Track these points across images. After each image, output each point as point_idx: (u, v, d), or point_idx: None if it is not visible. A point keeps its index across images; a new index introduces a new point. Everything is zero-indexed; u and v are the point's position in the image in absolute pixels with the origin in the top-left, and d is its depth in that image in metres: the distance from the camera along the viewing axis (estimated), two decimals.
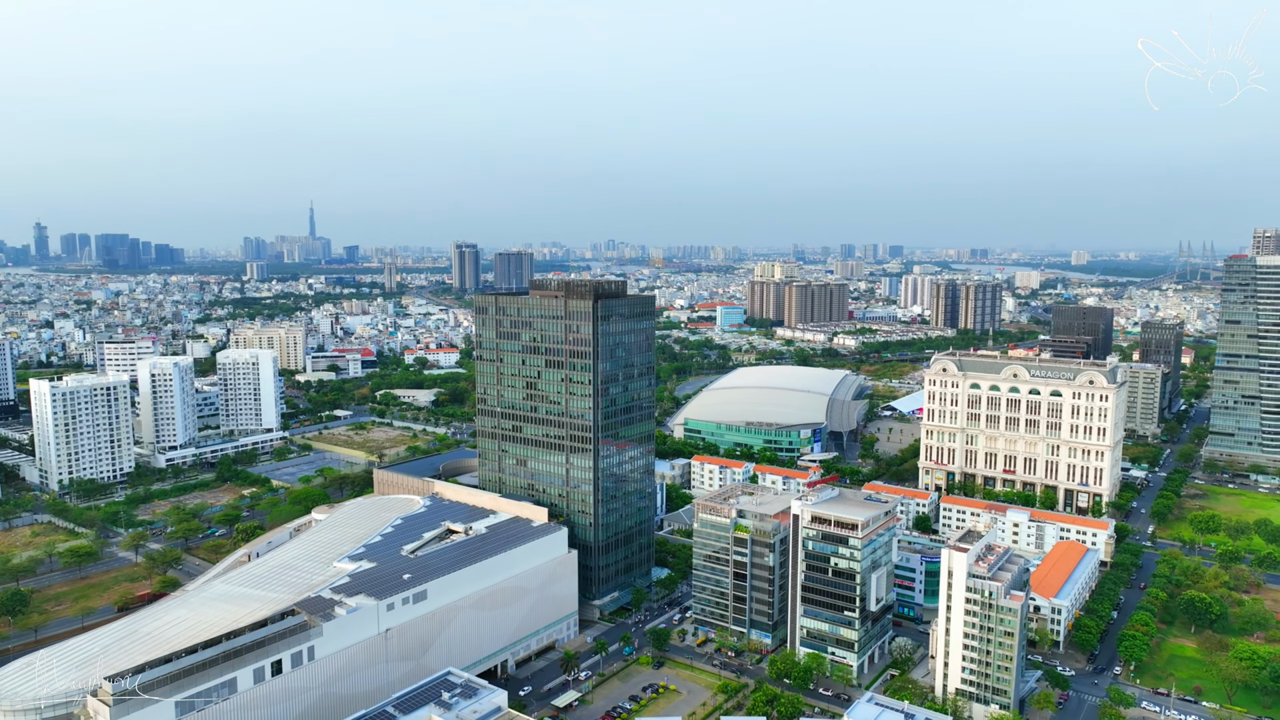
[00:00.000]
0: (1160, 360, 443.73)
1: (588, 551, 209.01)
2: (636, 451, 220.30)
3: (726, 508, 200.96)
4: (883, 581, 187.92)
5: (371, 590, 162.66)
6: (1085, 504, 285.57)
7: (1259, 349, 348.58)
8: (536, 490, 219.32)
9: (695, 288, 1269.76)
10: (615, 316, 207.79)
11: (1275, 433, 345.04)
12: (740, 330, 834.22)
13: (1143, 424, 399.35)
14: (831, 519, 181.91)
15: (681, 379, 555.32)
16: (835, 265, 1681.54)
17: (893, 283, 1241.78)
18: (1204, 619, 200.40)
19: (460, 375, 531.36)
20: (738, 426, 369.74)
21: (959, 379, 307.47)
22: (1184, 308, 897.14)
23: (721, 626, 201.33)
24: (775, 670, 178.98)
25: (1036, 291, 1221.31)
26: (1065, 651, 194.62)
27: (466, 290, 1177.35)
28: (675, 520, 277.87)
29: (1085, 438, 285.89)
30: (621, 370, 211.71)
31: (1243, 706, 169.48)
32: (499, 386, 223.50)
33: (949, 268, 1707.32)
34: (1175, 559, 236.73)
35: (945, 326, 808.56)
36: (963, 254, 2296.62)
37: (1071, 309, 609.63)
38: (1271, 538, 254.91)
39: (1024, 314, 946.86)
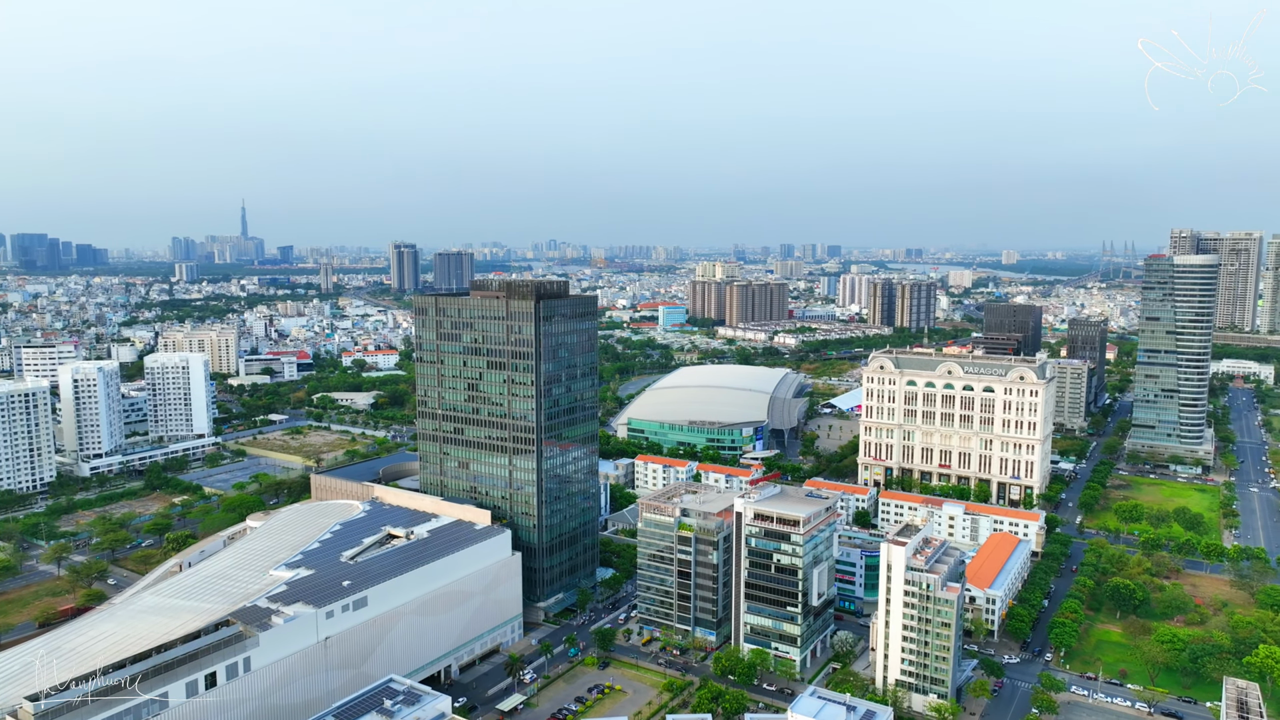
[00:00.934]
0: (1086, 356, 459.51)
1: (532, 553, 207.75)
2: (580, 452, 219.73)
3: (670, 507, 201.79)
4: (824, 576, 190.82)
5: (310, 598, 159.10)
6: (1017, 496, 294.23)
7: (1177, 344, 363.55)
8: (479, 493, 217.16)
9: (637, 288, 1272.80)
10: (557, 317, 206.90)
11: (1192, 425, 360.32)
12: (682, 330, 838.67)
13: (1070, 418, 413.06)
14: (774, 516, 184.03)
15: (625, 379, 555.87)
16: (775, 265, 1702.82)
17: (831, 282, 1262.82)
18: (1128, 605, 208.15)
19: (400, 377, 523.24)
20: (681, 425, 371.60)
21: (896, 376, 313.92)
22: (1108, 305, 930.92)
23: (666, 625, 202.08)
24: (720, 667, 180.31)
25: (969, 290, 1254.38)
26: (1000, 640, 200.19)
27: (405, 291, 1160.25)
28: (620, 520, 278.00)
29: (1017, 432, 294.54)
30: (564, 371, 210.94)
31: (1164, 687, 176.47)
32: (440, 388, 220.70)
33: (885, 267, 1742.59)
34: (1102, 548, 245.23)
35: (882, 325, 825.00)
36: (898, 254, 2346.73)
37: (1002, 307, 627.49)
38: (1189, 525, 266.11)
39: (957, 312, 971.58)
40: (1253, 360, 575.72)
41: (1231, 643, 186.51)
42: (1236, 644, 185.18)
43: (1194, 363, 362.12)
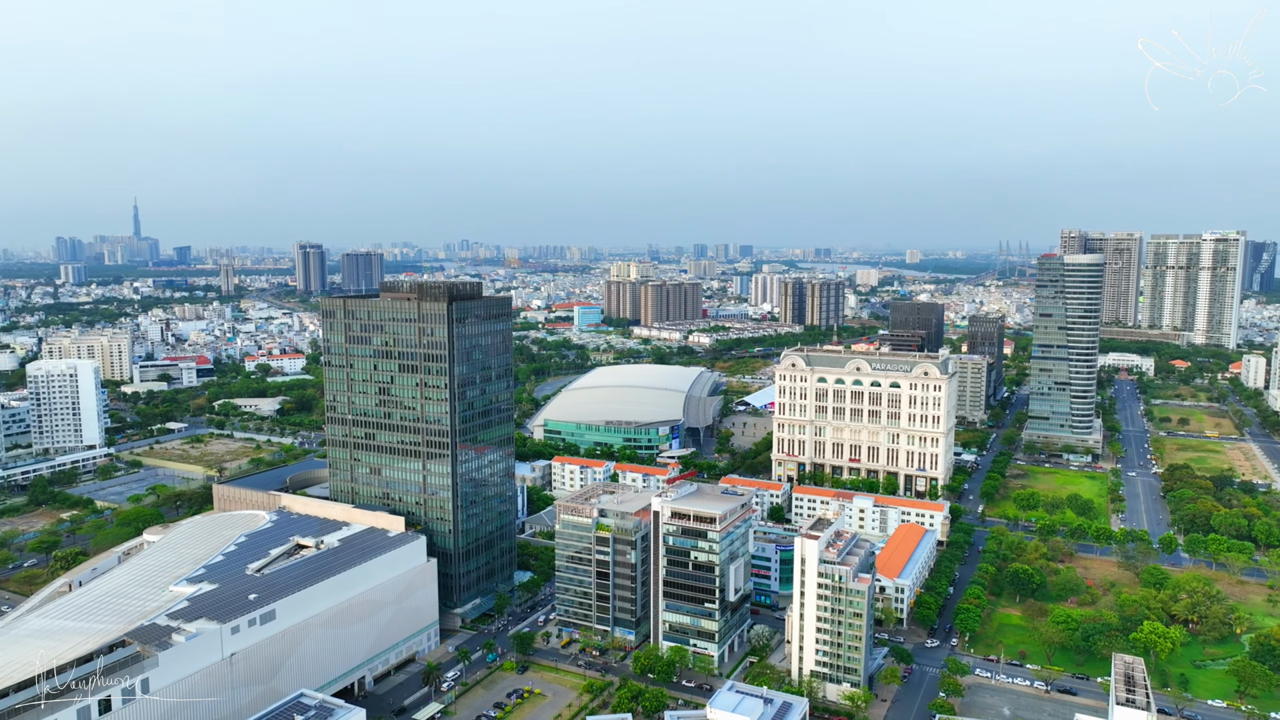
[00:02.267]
0: (985, 351, 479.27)
1: (448, 559, 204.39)
2: (496, 455, 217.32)
3: (588, 507, 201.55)
4: (740, 572, 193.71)
5: (213, 613, 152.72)
6: (923, 488, 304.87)
7: (1068, 339, 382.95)
8: (392, 499, 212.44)
9: (552, 288, 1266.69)
10: (471, 318, 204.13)
11: (1082, 416, 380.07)
12: (598, 330, 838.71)
13: (971, 411, 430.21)
14: (690, 514, 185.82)
15: (540, 380, 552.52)
16: (689, 265, 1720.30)
17: (744, 281, 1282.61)
18: (1027, 589, 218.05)
19: (307, 382, 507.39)
20: (597, 426, 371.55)
21: (807, 374, 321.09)
22: (1004, 302, 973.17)
23: (586, 626, 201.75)
24: (639, 666, 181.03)
25: (876, 289, 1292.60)
26: (909, 628, 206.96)
27: (312, 293, 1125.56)
28: (537, 522, 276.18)
29: (922, 425, 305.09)
30: (479, 373, 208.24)
31: (1060, 666, 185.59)
32: (349, 393, 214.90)
33: (795, 266, 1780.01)
34: (1002, 535, 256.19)
35: (794, 323, 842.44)
36: (808, 253, 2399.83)
37: (907, 305, 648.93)
38: (1081, 511, 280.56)
39: (865, 310, 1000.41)
40: (1135, 353, 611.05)
41: (1119, 621, 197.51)
42: (1124, 622, 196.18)
43: (1083, 357, 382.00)
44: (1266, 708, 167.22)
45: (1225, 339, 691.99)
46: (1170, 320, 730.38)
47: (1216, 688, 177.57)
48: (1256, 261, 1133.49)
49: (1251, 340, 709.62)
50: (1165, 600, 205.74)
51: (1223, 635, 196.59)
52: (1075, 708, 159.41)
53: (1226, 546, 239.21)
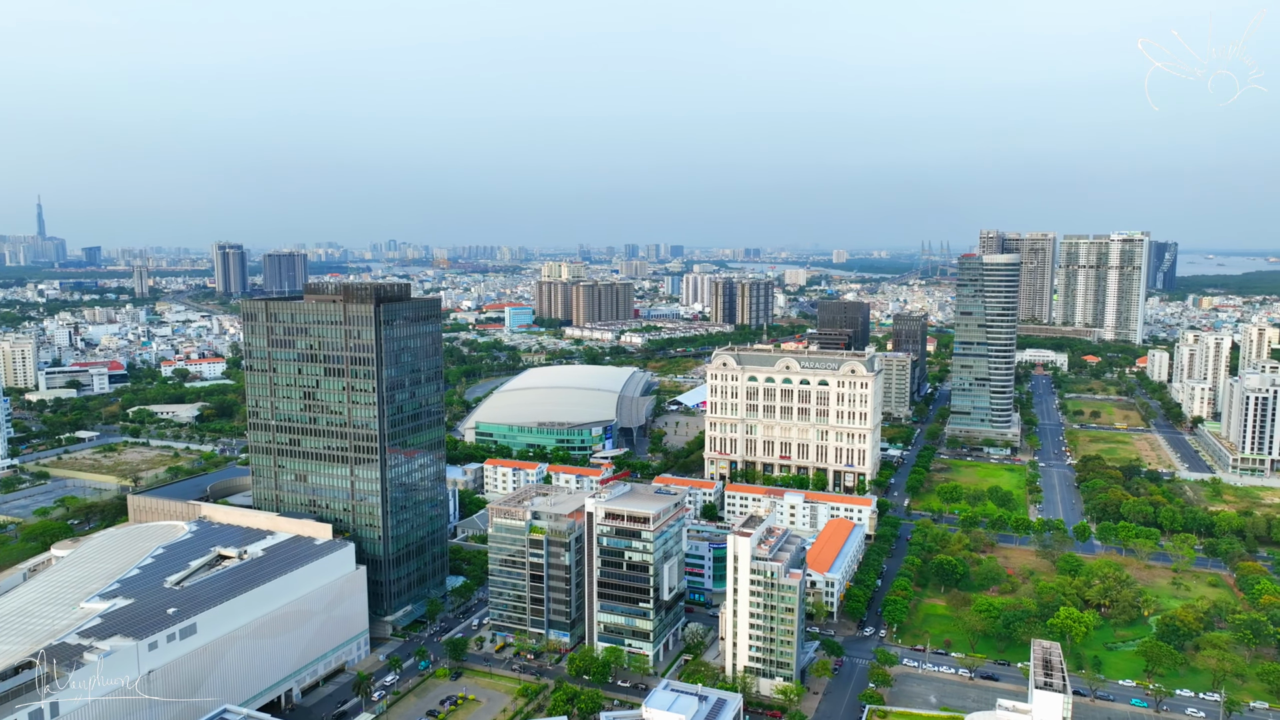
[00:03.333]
0: (909, 349, 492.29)
1: (377, 566, 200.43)
2: (426, 459, 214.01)
3: (521, 510, 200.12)
4: (674, 570, 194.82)
5: (129, 630, 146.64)
6: (851, 483, 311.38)
7: (987, 336, 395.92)
8: (319, 506, 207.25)
9: (482, 288, 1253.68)
10: (400, 320, 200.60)
11: (1002, 410, 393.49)
12: (529, 331, 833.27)
13: (897, 407, 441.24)
14: (624, 514, 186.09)
15: (471, 382, 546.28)
16: (620, 265, 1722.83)
17: (675, 281, 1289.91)
18: (951, 579, 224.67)
19: (228, 387, 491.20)
20: (530, 427, 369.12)
21: (738, 372, 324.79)
22: (927, 301, 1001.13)
23: (520, 630, 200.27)
24: (574, 668, 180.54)
25: (804, 288, 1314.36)
26: (839, 620, 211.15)
27: (233, 295, 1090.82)
28: (469, 526, 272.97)
29: (849, 422, 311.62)
30: (408, 376, 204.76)
31: (983, 653, 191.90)
32: (273, 398, 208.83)
33: (726, 266, 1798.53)
34: (927, 528, 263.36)
35: (724, 322, 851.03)
36: (738, 253, 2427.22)
37: (834, 304, 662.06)
38: (1001, 502, 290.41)
39: (794, 309, 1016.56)
40: (1050, 349, 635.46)
41: (1037, 607, 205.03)
42: (1042, 608, 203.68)
43: (1002, 353, 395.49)
44: (1172, 685, 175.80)
45: (1132, 335, 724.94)
46: (1082, 317, 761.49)
47: (1127, 668, 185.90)
48: (1159, 261, 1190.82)
49: (1156, 336, 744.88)
50: (1080, 586, 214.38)
51: (1132, 618, 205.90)
52: (997, 693, 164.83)
53: (1135, 533, 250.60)
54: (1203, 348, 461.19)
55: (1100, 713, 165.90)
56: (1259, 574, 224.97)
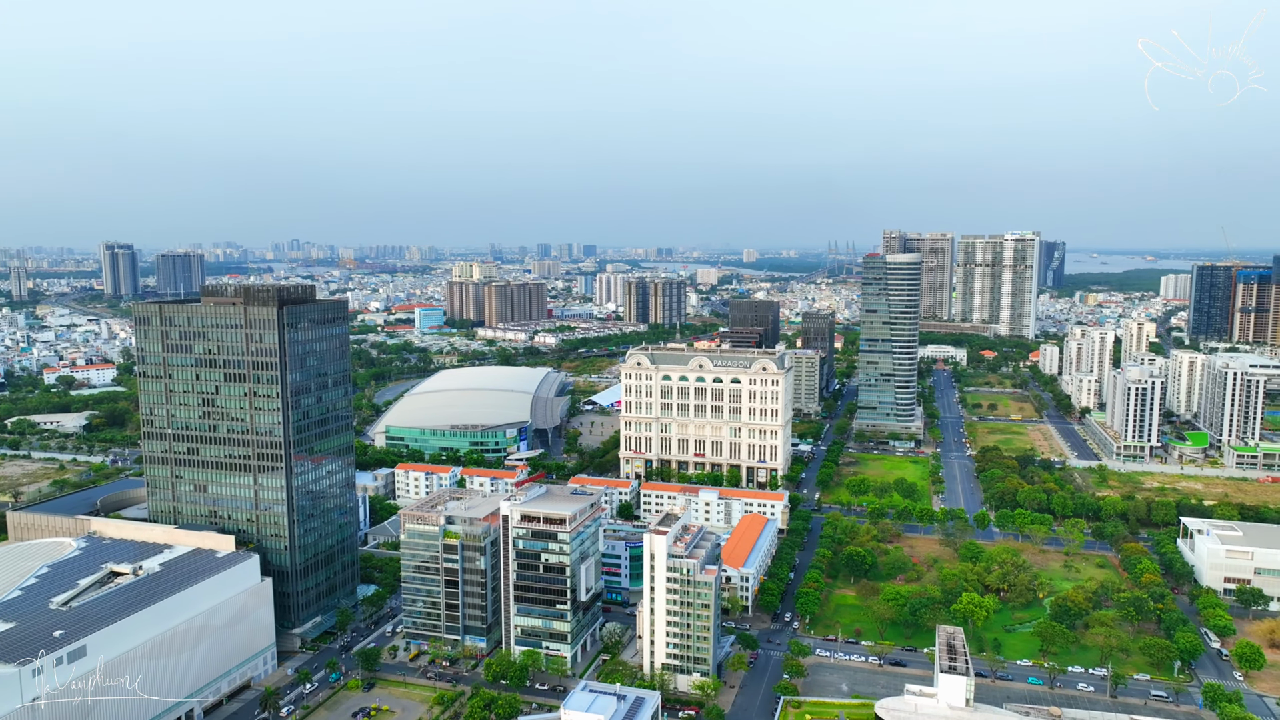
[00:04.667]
0: (818, 346, 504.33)
1: (284, 577, 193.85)
2: (335, 465, 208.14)
3: (434, 515, 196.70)
4: (591, 571, 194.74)
5: (9, 655, 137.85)
6: (764, 479, 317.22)
7: (891, 333, 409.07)
8: (220, 517, 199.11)
9: (391, 289, 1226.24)
10: (304, 323, 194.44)
11: (906, 405, 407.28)
12: (441, 332, 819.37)
13: (807, 403, 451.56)
14: (540, 516, 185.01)
15: (381, 385, 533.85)
16: (533, 265, 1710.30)
17: (588, 281, 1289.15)
18: (860, 570, 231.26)
19: (119, 395, 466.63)
20: (443, 430, 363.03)
21: (652, 372, 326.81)
22: (834, 299, 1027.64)
23: (435, 637, 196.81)
24: (491, 673, 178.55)
25: (715, 287, 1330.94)
26: (754, 614, 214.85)
27: (123, 297, 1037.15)
28: (381, 533, 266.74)
29: (761, 419, 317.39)
30: (314, 380, 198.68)
31: (892, 640, 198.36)
32: (169, 405, 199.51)
33: (639, 266, 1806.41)
34: (837, 520, 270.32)
35: (638, 322, 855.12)
36: (650, 253, 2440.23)
37: (745, 303, 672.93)
38: (906, 493, 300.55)
39: (706, 308, 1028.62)
40: (950, 345, 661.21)
41: (941, 594, 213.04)
42: (945, 595, 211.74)
43: (905, 349, 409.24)
44: (1065, 662, 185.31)
45: (1026, 330, 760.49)
46: (979, 313, 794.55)
47: (1024, 648, 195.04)
48: (1049, 259, 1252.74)
49: (1047, 331, 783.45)
50: (980, 572, 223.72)
51: (1028, 600, 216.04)
52: (905, 678, 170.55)
53: (1030, 520, 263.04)
54: (1089, 342, 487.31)
55: (1000, 692, 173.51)
56: (1141, 554, 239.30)
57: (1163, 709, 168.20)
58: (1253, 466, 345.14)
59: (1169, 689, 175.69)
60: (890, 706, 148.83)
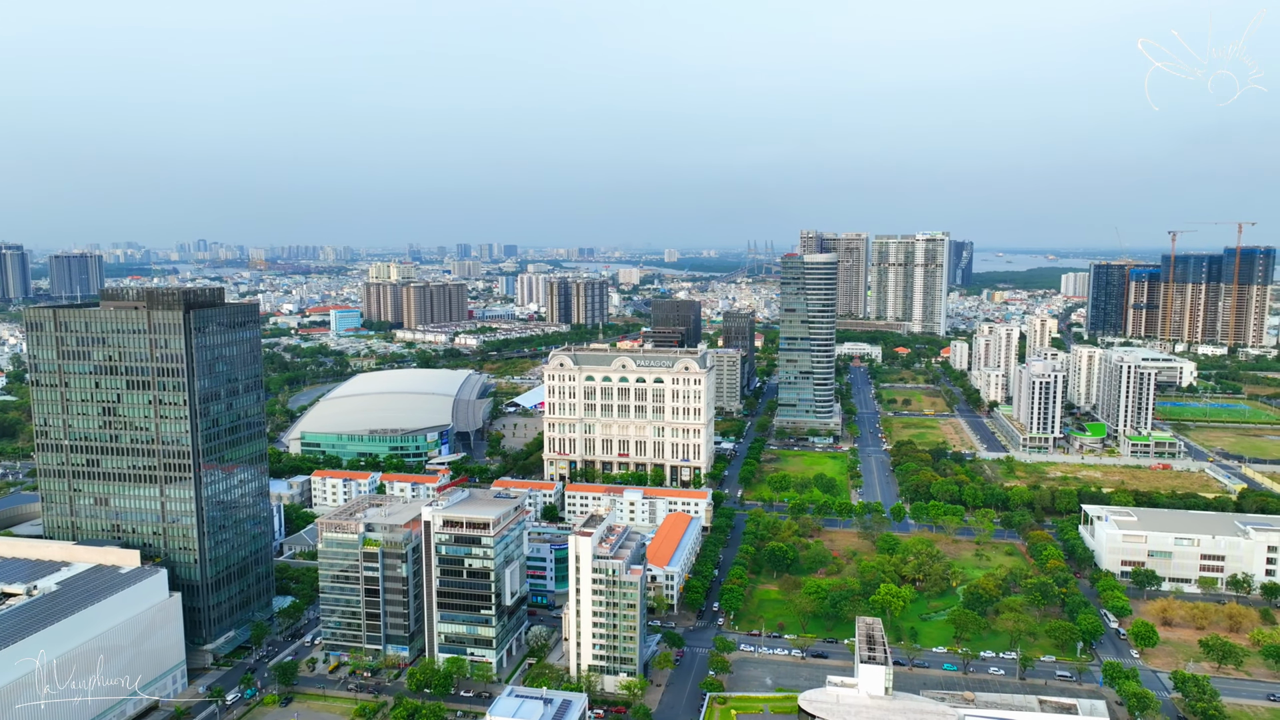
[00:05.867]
0: (739, 345, 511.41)
1: (194, 591, 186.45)
2: (247, 474, 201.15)
3: (353, 523, 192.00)
4: (516, 575, 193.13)
5: None
6: (688, 477, 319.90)
7: (809, 332, 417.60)
8: (124, 531, 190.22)
9: (305, 291, 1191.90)
10: (213, 327, 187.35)
11: (824, 401, 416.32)
12: (358, 334, 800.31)
13: (729, 401, 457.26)
14: (463, 521, 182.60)
15: (295, 390, 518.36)
16: (452, 265, 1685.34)
17: (509, 281, 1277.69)
18: (782, 565, 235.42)
19: (9, 404, 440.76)
20: (361, 436, 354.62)
21: (575, 373, 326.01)
22: (754, 298, 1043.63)
23: (355, 647, 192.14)
24: (415, 682, 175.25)
25: (637, 287, 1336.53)
26: (679, 612, 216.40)
27: (11, 301, 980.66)
28: (297, 542, 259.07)
29: (684, 418, 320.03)
30: (224, 386, 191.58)
31: (814, 633, 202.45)
32: (65, 415, 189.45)
33: (560, 266, 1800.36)
34: (759, 516, 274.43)
35: (560, 322, 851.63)
36: (571, 253, 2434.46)
37: (667, 303, 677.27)
38: (826, 489, 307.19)
39: (628, 308, 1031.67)
40: (866, 342, 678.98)
41: (861, 586, 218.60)
42: (865, 586, 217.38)
43: (823, 347, 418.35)
44: (977, 648, 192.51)
45: (937, 327, 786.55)
46: (893, 311, 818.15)
47: (939, 636, 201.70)
48: (958, 258, 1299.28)
49: (957, 328, 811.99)
50: (897, 563, 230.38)
51: (943, 589, 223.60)
52: (827, 670, 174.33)
53: (943, 511, 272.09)
54: (996, 339, 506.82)
55: (918, 679, 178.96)
56: (1046, 541, 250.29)
57: (1067, 688, 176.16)
58: (1146, 455, 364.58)
59: (1072, 669, 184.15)
60: (813, 699, 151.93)
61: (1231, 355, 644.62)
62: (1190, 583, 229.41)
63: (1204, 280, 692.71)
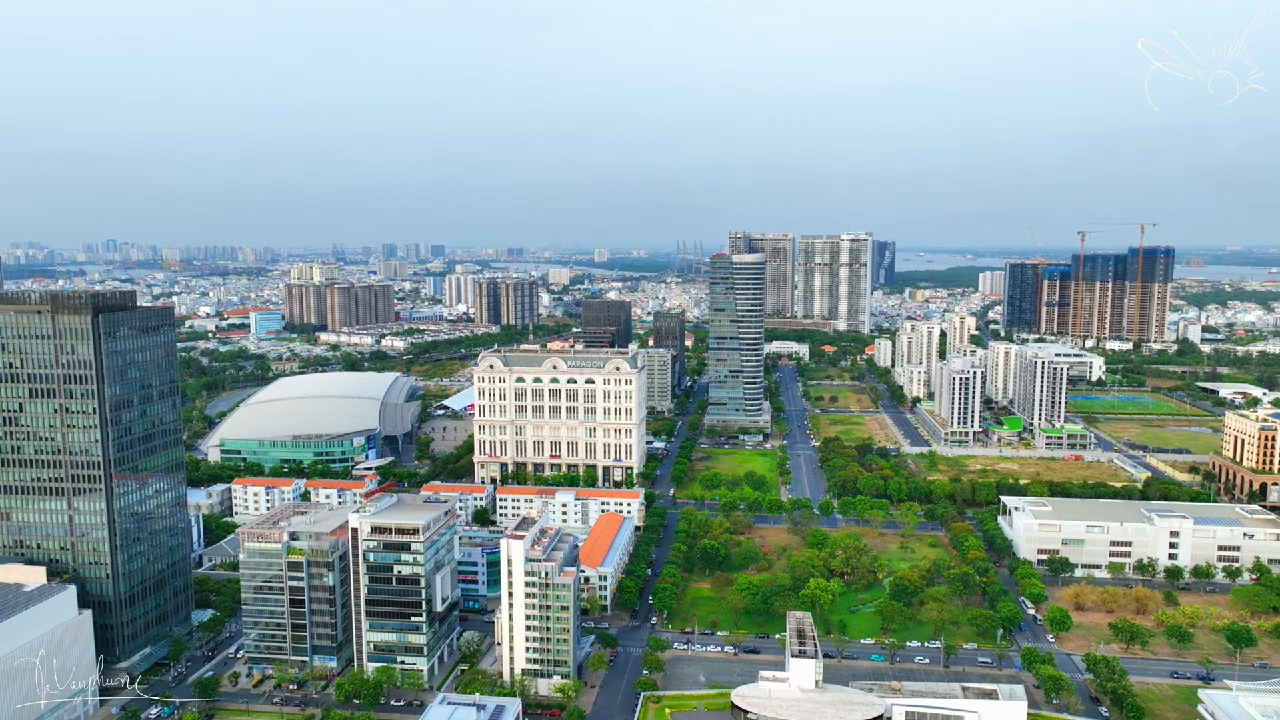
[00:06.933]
0: (669, 344, 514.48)
1: (106, 608, 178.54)
2: (163, 483, 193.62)
3: (277, 531, 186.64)
4: (447, 580, 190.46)
5: None
6: (620, 477, 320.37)
7: (738, 331, 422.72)
8: (28, 547, 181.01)
9: (223, 293, 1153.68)
10: (124, 331, 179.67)
11: (754, 399, 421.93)
12: (279, 337, 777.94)
13: (660, 400, 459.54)
14: (392, 527, 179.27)
15: (214, 395, 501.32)
16: (378, 265, 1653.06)
17: (436, 282, 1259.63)
18: (714, 562, 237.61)
19: None
20: (284, 441, 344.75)
21: (506, 374, 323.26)
22: (684, 298, 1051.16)
23: (280, 660, 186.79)
24: (343, 693, 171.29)
25: (568, 287, 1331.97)
26: (613, 612, 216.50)
27: None
28: (218, 553, 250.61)
29: (616, 418, 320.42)
30: (137, 394, 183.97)
31: (746, 629, 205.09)
32: None
33: (489, 266, 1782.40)
34: (691, 515, 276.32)
35: (490, 323, 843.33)
36: (501, 253, 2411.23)
37: (598, 303, 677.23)
38: (756, 485, 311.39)
39: (559, 308, 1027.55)
40: (794, 341, 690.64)
41: (791, 581, 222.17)
42: (795, 581, 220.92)
43: (752, 346, 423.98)
44: (904, 638, 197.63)
45: (862, 325, 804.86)
46: (820, 310, 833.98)
47: (866, 628, 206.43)
48: (881, 258, 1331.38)
49: (881, 326, 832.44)
50: (825, 558, 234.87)
51: (870, 582, 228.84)
52: (759, 665, 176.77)
53: (870, 505, 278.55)
54: (918, 336, 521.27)
55: (847, 671, 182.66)
56: (967, 532, 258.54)
57: (988, 674, 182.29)
58: (1059, 446, 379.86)
59: (993, 655, 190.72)
60: (745, 694, 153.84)
61: (1136, 350, 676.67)
62: (1101, 568, 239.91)
63: (1111, 279, 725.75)
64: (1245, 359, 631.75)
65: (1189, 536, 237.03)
